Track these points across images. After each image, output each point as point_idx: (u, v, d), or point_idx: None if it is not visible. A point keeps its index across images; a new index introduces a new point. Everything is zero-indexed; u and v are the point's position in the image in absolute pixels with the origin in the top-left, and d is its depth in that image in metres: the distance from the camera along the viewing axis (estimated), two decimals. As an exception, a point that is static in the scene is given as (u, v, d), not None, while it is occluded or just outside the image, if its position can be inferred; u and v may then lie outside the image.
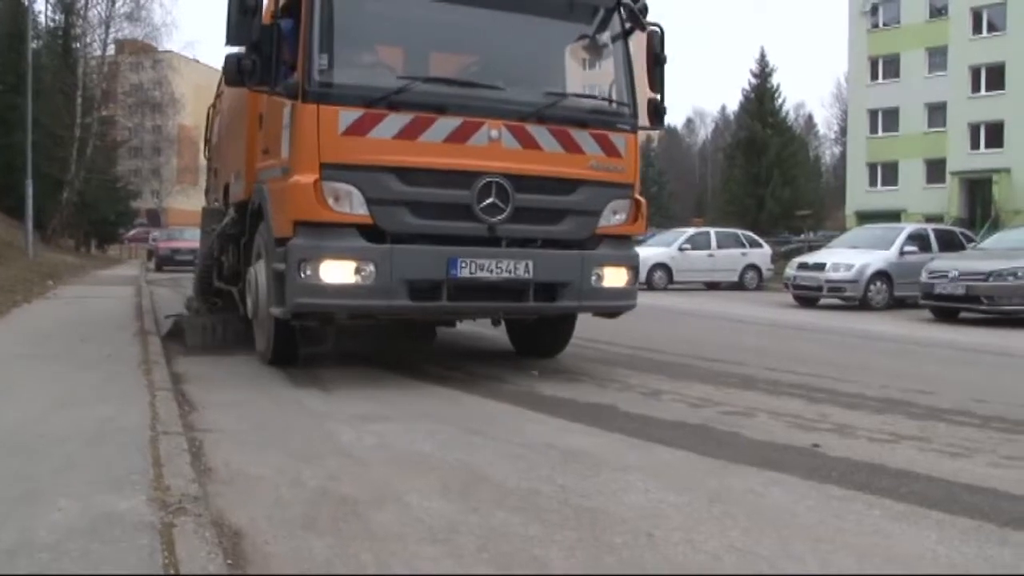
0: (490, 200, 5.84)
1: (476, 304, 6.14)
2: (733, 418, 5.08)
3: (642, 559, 2.76)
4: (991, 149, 38.13)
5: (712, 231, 24.07)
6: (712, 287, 22.44)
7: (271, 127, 6.47)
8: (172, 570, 2.46)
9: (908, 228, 17.40)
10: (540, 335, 7.49)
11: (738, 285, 22.36)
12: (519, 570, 2.66)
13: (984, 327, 12.23)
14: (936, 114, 40.81)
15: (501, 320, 7.44)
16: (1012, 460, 4.18)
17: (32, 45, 25.11)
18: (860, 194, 43.50)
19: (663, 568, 2.69)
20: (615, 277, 6.36)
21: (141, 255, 37.75)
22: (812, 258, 17.11)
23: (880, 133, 43.44)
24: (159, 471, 3.42)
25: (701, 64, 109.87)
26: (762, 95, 46.49)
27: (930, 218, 32.13)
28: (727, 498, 3.42)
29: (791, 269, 17.09)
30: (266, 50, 5.67)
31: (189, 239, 25.22)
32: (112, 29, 34.76)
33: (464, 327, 9.05)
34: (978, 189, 38.12)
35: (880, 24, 43.63)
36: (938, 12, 41.15)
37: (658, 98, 6.60)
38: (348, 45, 5.88)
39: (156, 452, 3.71)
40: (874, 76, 43.70)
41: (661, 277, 21.22)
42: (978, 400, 5.89)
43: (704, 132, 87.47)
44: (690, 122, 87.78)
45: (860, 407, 5.55)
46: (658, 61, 6.55)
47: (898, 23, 42.62)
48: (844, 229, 29.96)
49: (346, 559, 2.71)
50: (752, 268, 22.83)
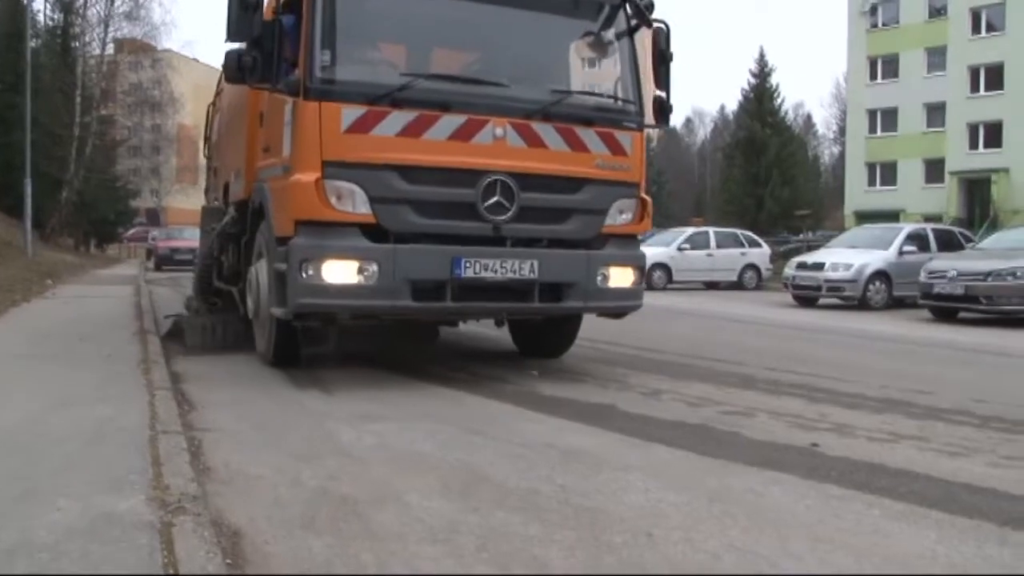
0: (495, 199, 5.76)
1: (481, 305, 6.05)
2: (733, 418, 5.09)
3: (642, 558, 2.76)
4: (990, 149, 38.14)
5: (711, 231, 24.05)
6: (711, 287, 22.43)
7: (272, 125, 6.41)
8: (171, 570, 2.46)
9: (907, 228, 17.39)
10: (544, 336, 7.42)
11: (737, 285, 22.36)
12: (519, 570, 2.66)
13: (983, 327, 12.23)
14: (935, 114, 40.81)
15: (505, 321, 7.39)
16: (1011, 460, 4.18)
17: (31, 44, 25.01)
18: (859, 194, 43.52)
19: (663, 567, 2.70)
20: (621, 277, 6.28)
21: (140, 254, 37.81)
22: (811, 258, 17.11)
23: (879, 133, 43.44)
24: (158, 471, 3.42)
25: (701, 64, 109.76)
26: (761, 95, 46.46)
27: (929, 218, 32.17)
28: (727, 497, 3.42)
29: (790, 269, 17.09)
30: (267, 46, 5.59)
31: (188, 238, 25.26)
32: (111, 28, 34.78)
33: (466, 327, 9.03)
34: (977, 189, 38.15)
35: (879, 24, 43.62)
36: (937, 12, 41.13)
37: (664, 96, 6.48)
38: (351, 41, 5.79)
39: (155, 452, 3.71)
40: (873, 76, 43.69)
41: (660, 277, 21.18)
42: (977, 400, 5.89)
43: (703, 132, 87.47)
44: (689, 122, 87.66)
45: (859, 407, 5.55)
46: (664, 58, 6.44)
47: (897, 23, 42.61)
48: (843, 229, 29.98)
49: (346, 559, 2.71)
50: (751, 268, 22.82)
